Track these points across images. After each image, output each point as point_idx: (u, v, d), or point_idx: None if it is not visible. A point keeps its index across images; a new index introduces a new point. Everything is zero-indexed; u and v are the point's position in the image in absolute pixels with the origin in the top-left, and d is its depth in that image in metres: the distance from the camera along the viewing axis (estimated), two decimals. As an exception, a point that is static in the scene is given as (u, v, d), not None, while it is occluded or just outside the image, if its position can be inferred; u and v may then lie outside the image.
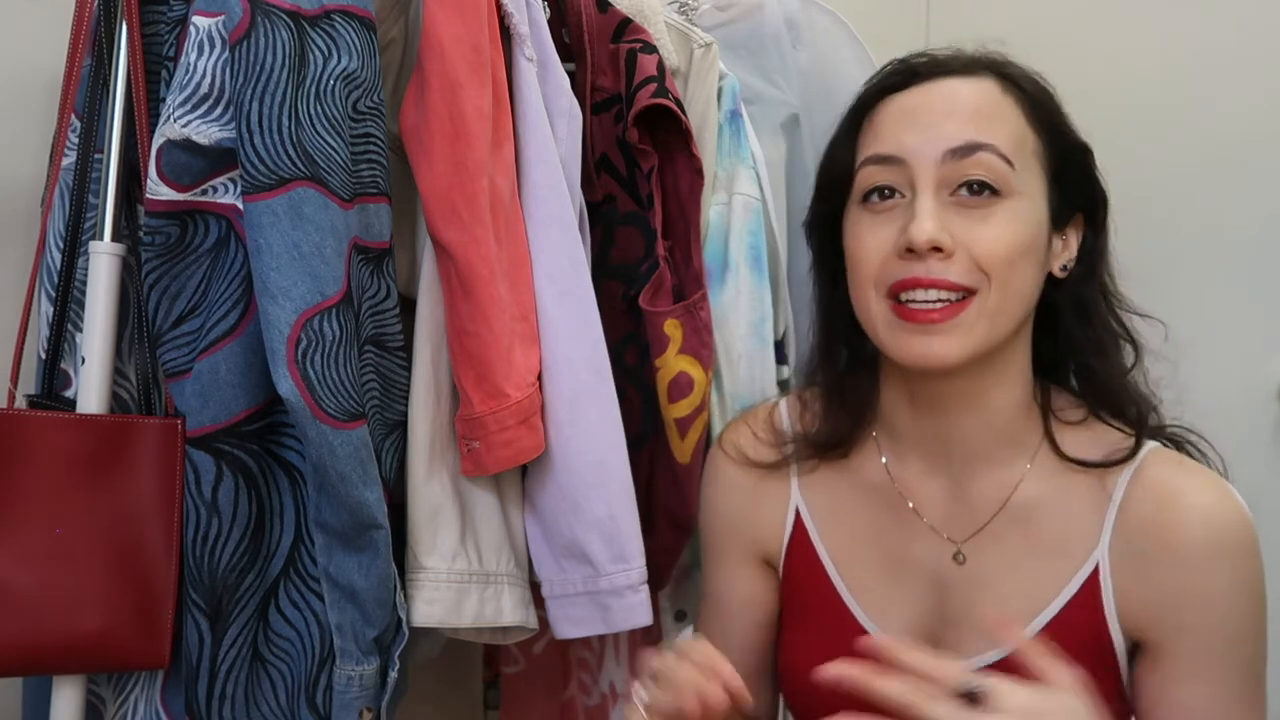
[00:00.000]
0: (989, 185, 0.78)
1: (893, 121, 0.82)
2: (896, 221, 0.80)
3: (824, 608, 0.90)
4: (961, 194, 0.79)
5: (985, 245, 0.77)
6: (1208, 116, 1.58)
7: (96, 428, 0.86)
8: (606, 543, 0.93)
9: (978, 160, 0.78)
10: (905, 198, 0.80)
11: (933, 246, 0.77)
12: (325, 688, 0.88)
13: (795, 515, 0.93)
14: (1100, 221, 0.87)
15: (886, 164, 0.81)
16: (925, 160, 0.79)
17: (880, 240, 0.80)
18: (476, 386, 0.90)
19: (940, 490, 0.87)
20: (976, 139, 0.78)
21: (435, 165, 0.90)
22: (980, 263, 0.77)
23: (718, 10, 1.29)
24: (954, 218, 0.78)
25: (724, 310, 1.13)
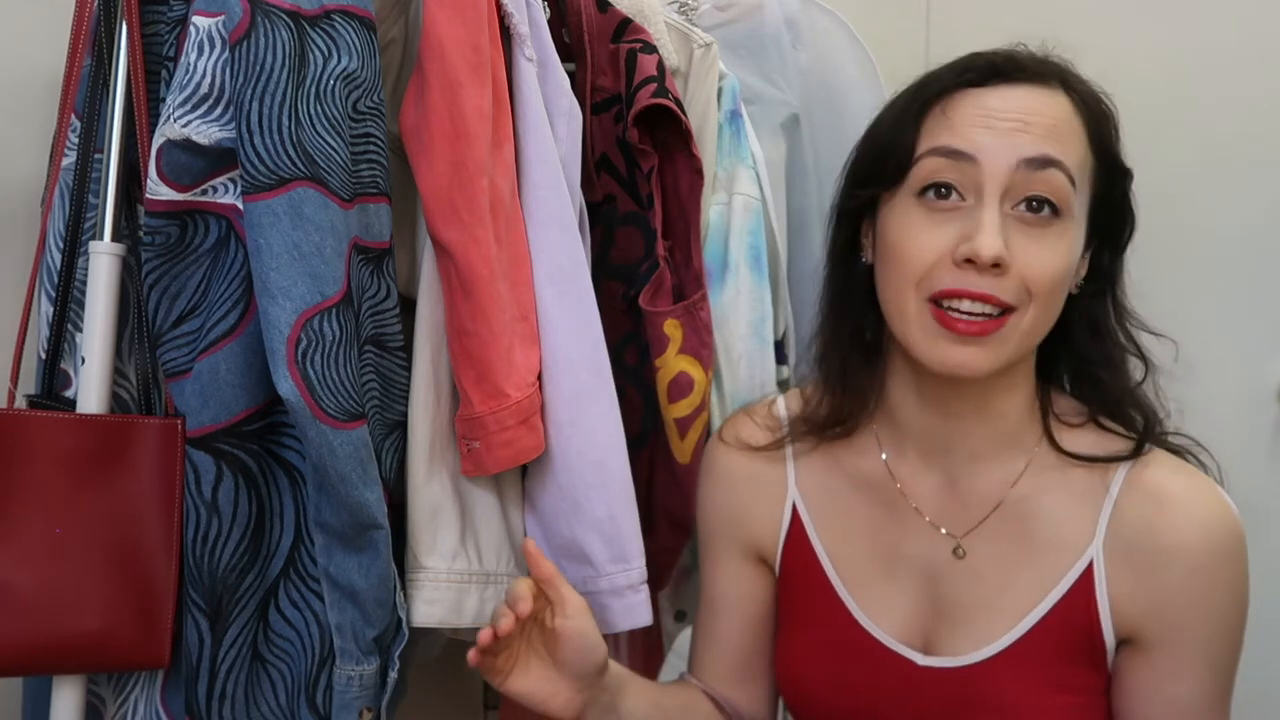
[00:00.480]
0: (1051, 204, 0.77)
1: (970, 117, 0.79)
2: (953, 225, 0.78)
3: (821, 607, 0.90)
4: (1022, 209, 0.77)
5: (1039, 268, 0.77)
6: (1208, 116, 1.58)
7: (96, 428, 0.86)
8: (606, 543, 0.93)
9: (1048, 177, 0.77)
10: (966, 202, 0.78)
11: (995, 263, 0.75)
12: (325, 688, 0.88)
13: (792, 510, 0.93)
14: (1123, 244, 0.86)
15: (956, 159, 0.78)
16: (999, 165, 0.77)
17: (935, 242, 0.78)
18: (476, 386, 0.90)
19: (936, 486, 0.87)
20: (1051, 154, 0.77)
21: (435, 165, 0.90)
22: (1029, 284, 0.77)
23: (718, 10, 1.29)
24: (1013, 234, 0.77)
25: (724, 310, 1.13)
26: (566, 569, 0.95)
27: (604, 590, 0.93)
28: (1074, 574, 0.81)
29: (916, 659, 0.84)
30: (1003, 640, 0.81)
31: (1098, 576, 0.81)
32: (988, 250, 0.75)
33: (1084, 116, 0.81)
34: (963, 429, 0.85)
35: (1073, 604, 0.81)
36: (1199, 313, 1.55)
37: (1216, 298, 1.56)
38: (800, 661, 0.90)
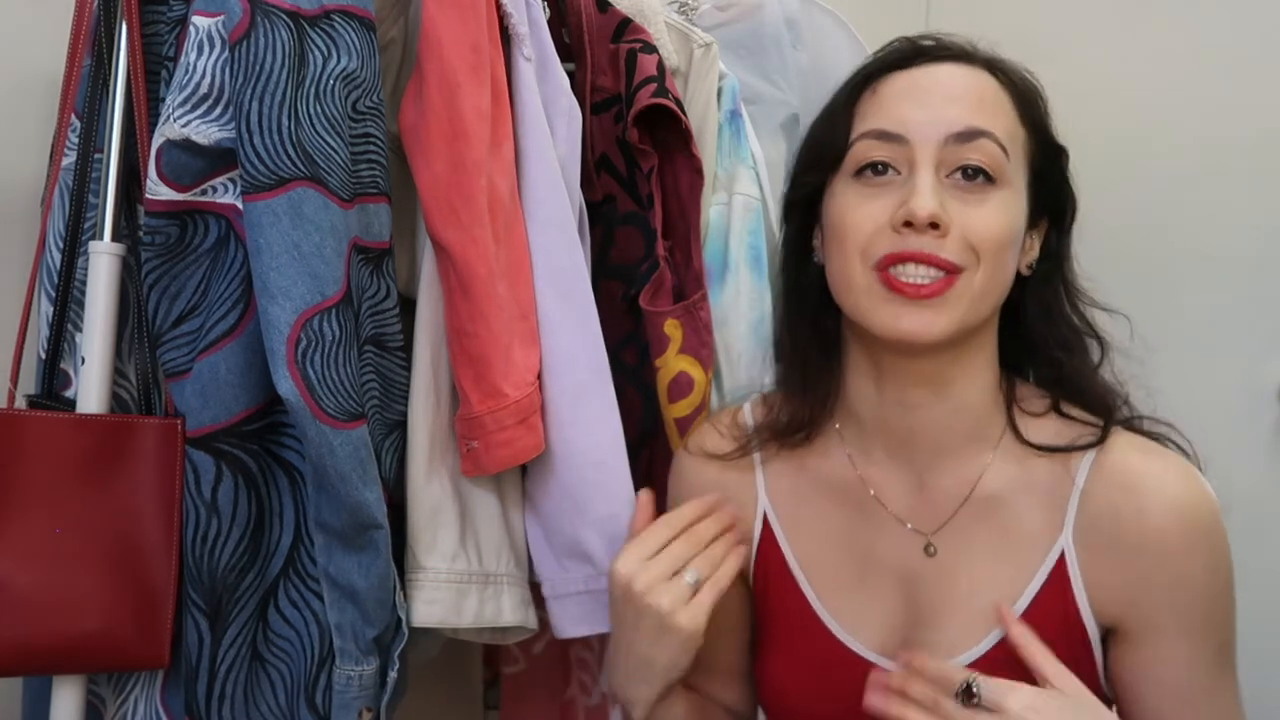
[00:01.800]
0: (985, 172, 0.79)
1: (896, 97, 0.81)
2: (891, 195, 0.79)
3: (797, 622, 0.89)
4: (957, 178, 0.79)
5: (980, 227, 0.78)
6: (1208, 117, 1.58)
7: (96, 428, 0.86)
8: (608, 542, 0.93)
9: (979, 146, 0.78)
10: (901, 175, 0.80)
11: (931, 222, 0.76)
12: (325, 687, 0.88)
13: (763, 520, 0.92)
14: (1067, 225, 0.87)
15: (887, 140, 0.80)
16: (928, 140, 0.79)
17: (873, 211, 0.79)
18: (475, 386, 0.90)
19: (903, 483, 0.87)
20: (980, 125, 0.79)
21: (434, 165, 0.90)
22: (973, 243, 0.77)
23: (718, 10, 1.29)
24: (950, 199, 0.78)
25: (724, 310, 1.13)
26: (568, 566, 0.95)
27: (605, 589, 0.93)
28: (1047, 567, 0.80)
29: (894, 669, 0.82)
30: (982, 644, 0.80)
31: (1071, 567, 0.80)
32: (923, 209, 0.76)
33: (1010, 91, 0.83)
34: (924, 418, 0.84)
35: (1050, 598, 0.80)
36: (1199, 313, 1.56)
37: (1216, 298, 1.56)
38: (781, 679, 0.90)
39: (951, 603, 0.83)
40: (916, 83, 0.82)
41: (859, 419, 0.89)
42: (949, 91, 0.80)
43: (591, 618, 0.95)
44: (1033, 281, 0.86)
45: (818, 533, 0.90)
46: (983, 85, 0.82)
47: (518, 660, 1.28)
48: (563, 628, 0.96)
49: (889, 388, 0.85)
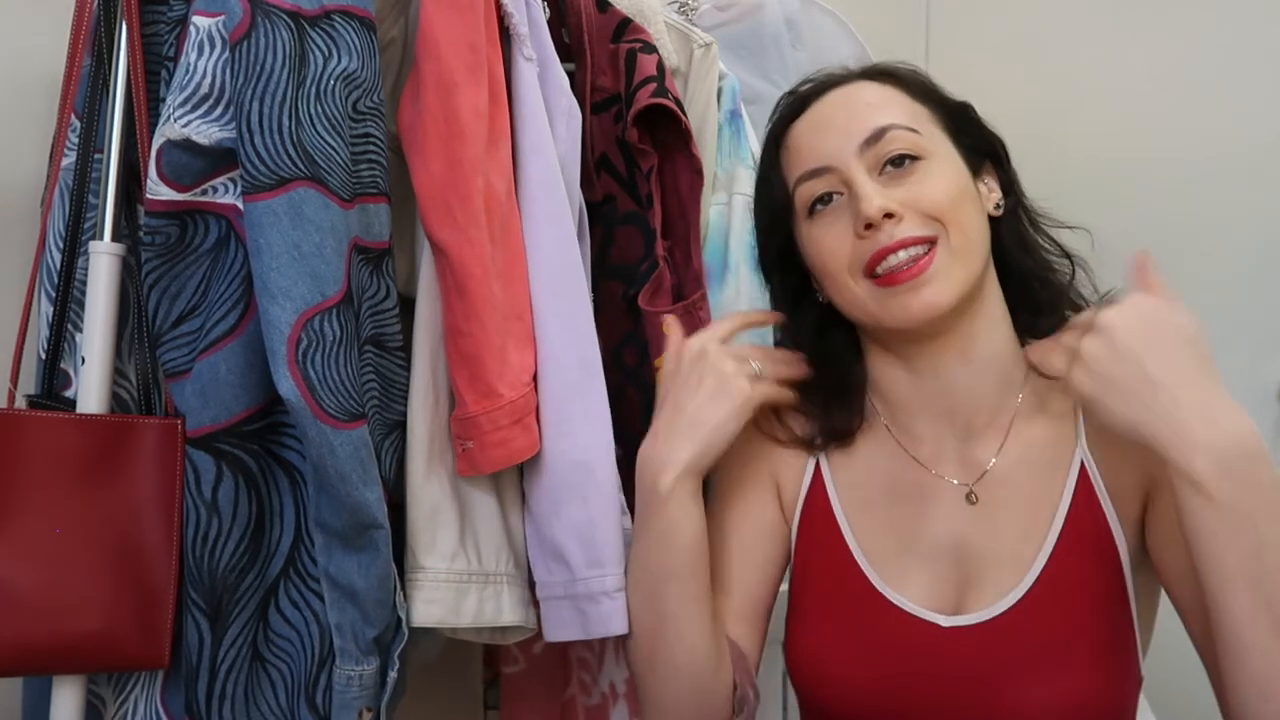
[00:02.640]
0: (907, 154, 0.86)
1: (806, 138, 0.90)
2: (845, 214, 0.87)
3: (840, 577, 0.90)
4: (888, 170, 0.86)
5: (927, 197, 0.84)
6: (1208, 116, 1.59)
7: (96, 428, 0.86)
8: (583, 546, 0.92)
9: (890, 139, 0.86)
10: (844, 195, 0.87)
11: (885, 214, 0.83)
12: (325, 687, 0.88)
13: (815, 467, 0.95)
14: (1005, 159, 0.94)
15: (817, 176, 0.88)
16: (847, 157, 0.86)
17: (839, 233, 0.87)
18: (470, 386, 0.90)
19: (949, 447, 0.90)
20: (882, 123, 0.86)
21: (430, 164, 0.90)
22: (928, 211, 0.84)
23: (718, 10, 1.29)
24: (891, 189, 0.85)
25: (724, 310, 1.13)
26: (552, 569, 0.94)
27: (580, 595, 0.92)
28: (1072, 482, 0.85)
29: (940, 620, 0.84)
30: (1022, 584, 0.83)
31: (1092, 475, 0.85)
32: (871, 207, 0.83)
33: (894, 84, 0.91)
34: (960, 383, 0.89)
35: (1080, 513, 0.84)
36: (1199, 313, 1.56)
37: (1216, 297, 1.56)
38: (820, 642, 0.90)
39: (995, 551, 0.85)
40: (815, 118, 0.90)
41: (898, 403, 0.93)
42: (846, 110, 0.89)
43: (569, 624, 0.93)
44: (1003, 222, 0.92)
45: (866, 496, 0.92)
46: (867, 92, 0.90)
47: (518, 660, 1.28)
48: (547, 630, 0.95)
49: (922, 366, 0.90)
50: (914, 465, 0.91)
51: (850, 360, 0.95)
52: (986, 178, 0.92)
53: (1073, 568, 0.83)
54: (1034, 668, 0.81)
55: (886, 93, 0.90)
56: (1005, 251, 0.91)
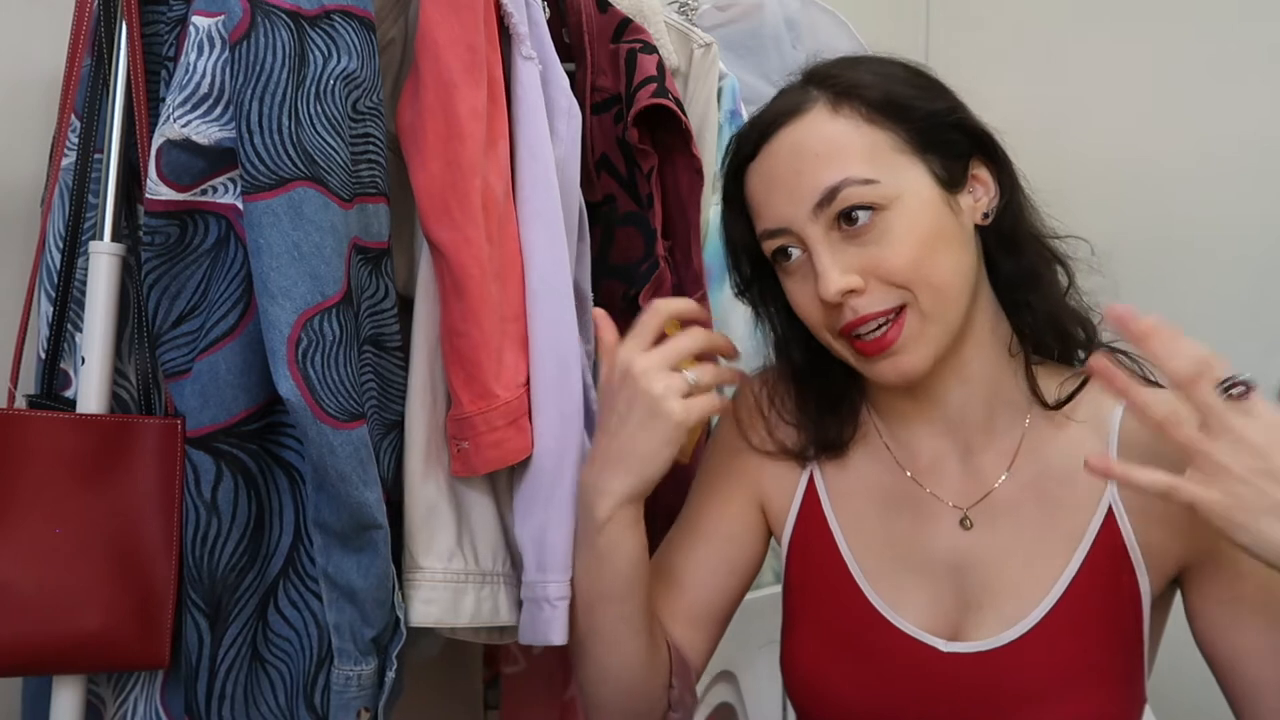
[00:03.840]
0: (863, 207, 0.80)
1: (760, 193, 0.86)
2: (809, 276, 0.83)
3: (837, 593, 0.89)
4: (844, 227, 0.81)
5: (888, 265, 0.80)
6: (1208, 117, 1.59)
7: (96, 428, 0.86)
8: (535, 549, 0.92)
9: (843, 198, 0.80)
10: (805, 252, 0.83)
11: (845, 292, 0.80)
12: (323, 688, 0.88)
13: (809, 481, 0.93)
14: (998, 154, 0.87)
15: (776, 236, 0.85)
16: (800, 221, 0.82)
17: (808, 297, 0.84)
18: (466, 387, 0.90)
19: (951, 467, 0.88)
20: (829, 183, 0.81)
21: (429, 164, 0.90)
22: (891, 279, 0.80)
23: (718, 10, 1.29)
24: (850, 250, 0.81)
25: (724, 310, 1.13)
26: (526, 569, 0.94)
27: (528, 597, 0.93)
28: (1097, 523, 0.81)
29: (940, 645, 0.83)
30: (1031, 617, 0.80)
31: (1120, 519, 0.81)
32: (829, 291, 0.80)
33: (850, 107, 0.83)
34: (959, 401, 0.87)
35: (1102, 553, 0.81)
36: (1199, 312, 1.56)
37: (1216, 297, 1.56)
38: (814, 656, 0.89)
39: (999, 583, 0.83)
40: (767, 171, 0.85)
41: (898, 416, 0.91)
42: (794, 165, 0.82)
43: (526, 624, 0.93)
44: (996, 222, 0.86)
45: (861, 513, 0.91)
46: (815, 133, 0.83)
47: (518, 660, 1.28)
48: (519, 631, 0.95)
49: (916, 388, 0.87)
50: (909, 481, 0.89)
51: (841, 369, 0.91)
52: (974, 182, 0.86)
53: (1087, 606, 0.80)
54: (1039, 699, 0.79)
55: (838, 128, 0.82)
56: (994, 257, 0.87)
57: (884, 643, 0.85)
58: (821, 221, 0.81)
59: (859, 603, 0.87)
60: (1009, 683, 0.80)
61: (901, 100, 0.84)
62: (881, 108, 0.83)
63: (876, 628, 0.86)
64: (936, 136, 0.84)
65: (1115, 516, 0.81)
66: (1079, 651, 0.80)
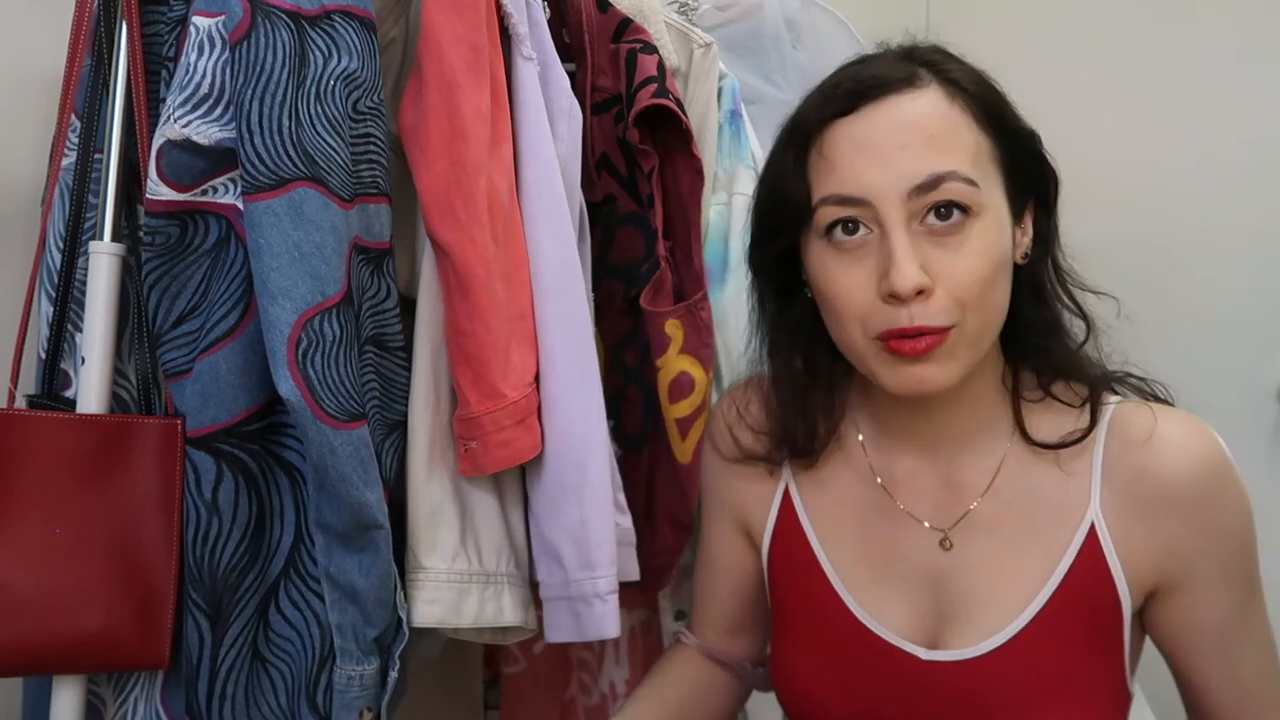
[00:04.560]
0: (958, 206, 0.76)
1: (848, 156, 0.77)
2: (869, 260, 0.77)
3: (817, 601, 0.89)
4: (931, 221, 0.76)
5: (962, 278, 0.75)
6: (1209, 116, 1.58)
7: (96, 428, 0.86)
8: (576, 547, 0.92)
9: (945, 190, 0.75)
10: (873, 233, 0.77)
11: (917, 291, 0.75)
12: (325, 688, 0.88)
13: (784, 493, 0.93)
14: (1052, 202, 0.85)
15: (850, 204, 0.77)
16: (890, 199, 0.75)
17: (858, 282, 0.77)
18: (473, 386, 0.90)
19: (928, 484, 0.87)
20: (939, 170, 0.75)
21: (433, 165, 0.90)
22: (958, 296, 0.76)
23: (718, 10, 1.29)
24: (928, 249, 0.76)
25: (725, 310, 1.13)
26: (551, 570, 0.94)
27: (574, 596, 0.93)
28: (1078, 542, 0.81)
29: (920, 654, 0.83)
30: (1011, 628, 0.81)
31: (1103, 538, 0.81)
32: (906, 283, 0.74)
33: (963, 101, 0.78)
34: (946, 420, 0.86)
35: (1083, 572, 0.81)
36: (1199, 312, 1.56)
37: (1216, 297, 1.56)
38: (799, 666, 0.90)
39: (977, 595, 0.83)
40: (863, 135, 0.77)
41: (881, 424, 0.90)
42: (899, 139, 0.76)
43: (566, 626, 0.94)
44: (1026, 267, 0.84)
45: (839, 522, 0.90)
46: (931, 114, 0.77)
47: (518, 660, 1.28)
48: (547, 631, 0.95)
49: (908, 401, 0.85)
50: (886, 498, 0.88)
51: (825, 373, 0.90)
52: (1025, 220, 0.83)
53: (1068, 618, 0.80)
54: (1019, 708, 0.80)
55: (950, 117, 0.77)
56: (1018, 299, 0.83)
57: (866, 652, 0.86)
58: (911, 206, 0.75)
59: (840, 613, 0.87)
60: (988, 691, 0.80)
61: (1003, 112, 0.80)
62: (987, 112, 0.79)
63: (859, 637, 0.86)
64: (1019, 161, 0.81)
65: (1097, 532, 0.81)
66: (1059, 662, 0.80)
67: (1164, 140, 1.61)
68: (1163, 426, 0.80)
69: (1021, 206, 0.83)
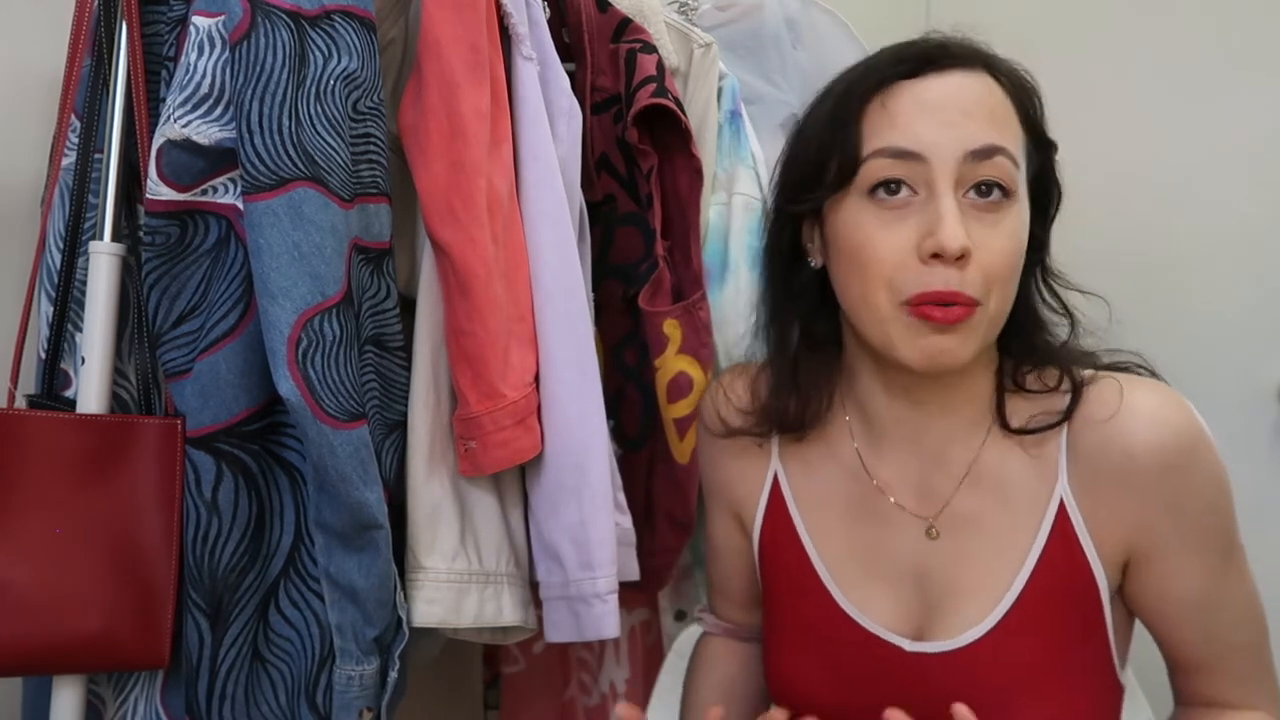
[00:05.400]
0: (1001, 186, 0.77)
1: (910, 113, 0.78)
2: (910, 220, 0.77)
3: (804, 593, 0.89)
4: (972, 196, 0.77)
5: (996, 255, 0.77)
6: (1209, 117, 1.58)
7: (96, 428, 0.86)
8: (576, 548, 0.93)
9: (995, 163, 0.77)
10: (918, 195, 0.78)
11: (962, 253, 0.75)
12: (325, 687, 0.88)
13: (773, 481, 0.93)
14: (1052, 216, 0.87)
15: (904, 158, 0.77)
16: (947, 159, 0.76)
17: (897, 241, 0.77)
18: (473, 386, 0.90)
19: (912, 473, 0.87)
20: (996, 141, 0.77)
21: (432, 165, 0.90)
22: (989, 273, 0.77)
23: (718, 10, 1.29)
24: (970, 222, 0.77)
25: (723, 310, 1.13)
26: (551, 570, 0.95)
27: (573, 596, 0.93)
28: (1049, 519, 0.81)
29: (904, 645, 0.83)
30: (991, 617, 0.81)
31: (1072, 514, 0.81)
32: (954, 242, 0.74)
33: (1012, 96, 0.81)
34: (934, 412, 0.86)
35: (1057, 549, 0.81)
36: (1199, 312, 1.55)
37: (1216, 298, 1.56)
38: (787, 654, 0.90)
39: (961, 581, 0.83)
40: (929, 96, 0.78)
41: (869, 416, 0.89)
42: (963, 105, 0.78)
43: (566, 626, 0.94)
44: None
45: (826, 512, 0.91)
46: (992, 95, 0.79)
47: (518, 660, 1.28)
48: (546, 631, 0.95)
49: (897, 393, 0.86)
50: (872, 488, 0.88)
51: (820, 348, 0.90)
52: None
53: (1046, 603, 0.80)
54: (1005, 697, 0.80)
55: (1006, 105, 0.80)
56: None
57: (852, 643, 0.86)
58: (963, 171, 0.76)
59: (826, 604, 0.88)
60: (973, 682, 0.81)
61: (1038, 118, 0.83)
62: (1026, 115, 0.82)
63: (846, 629, 0.86)
64: (1041, 168, 0.84)
65: (1066, 510, 0.81)
66: (1042, 650, 0.80)
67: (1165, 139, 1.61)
68: (1128, 397, 0.80)
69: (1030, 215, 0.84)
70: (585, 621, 0.92)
